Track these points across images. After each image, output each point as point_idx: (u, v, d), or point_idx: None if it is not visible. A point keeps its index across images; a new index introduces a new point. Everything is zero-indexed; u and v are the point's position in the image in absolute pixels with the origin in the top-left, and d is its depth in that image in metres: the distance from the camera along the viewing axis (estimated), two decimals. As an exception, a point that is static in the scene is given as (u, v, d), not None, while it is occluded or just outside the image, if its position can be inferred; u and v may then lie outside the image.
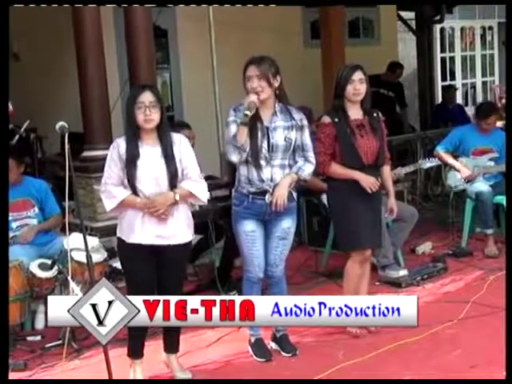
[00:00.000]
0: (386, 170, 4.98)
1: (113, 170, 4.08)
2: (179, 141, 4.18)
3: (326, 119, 4.77)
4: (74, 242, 5.14)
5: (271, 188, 4.37)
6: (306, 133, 4.49)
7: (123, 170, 4.06)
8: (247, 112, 4.22)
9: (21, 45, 8.67)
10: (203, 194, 4.21)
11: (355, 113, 4.80)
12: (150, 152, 4.09)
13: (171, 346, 4.34)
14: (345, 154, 4.75)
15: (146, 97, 4.05)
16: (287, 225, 4.50)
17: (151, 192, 4.06)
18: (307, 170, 4.47)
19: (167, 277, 4.16)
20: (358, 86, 4.72)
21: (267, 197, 4.37)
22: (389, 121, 6.35)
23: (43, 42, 8.72)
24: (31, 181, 5.74)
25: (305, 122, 4.49)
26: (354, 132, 4.74)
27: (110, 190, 4.07)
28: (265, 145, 4.34)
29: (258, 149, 4.32)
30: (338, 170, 4.77)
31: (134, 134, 4.08)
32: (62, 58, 8.15)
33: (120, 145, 4.09)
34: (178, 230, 4.15)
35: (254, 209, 4.40)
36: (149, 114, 4.03)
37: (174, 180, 4.10)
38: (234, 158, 4.31)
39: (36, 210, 5.60)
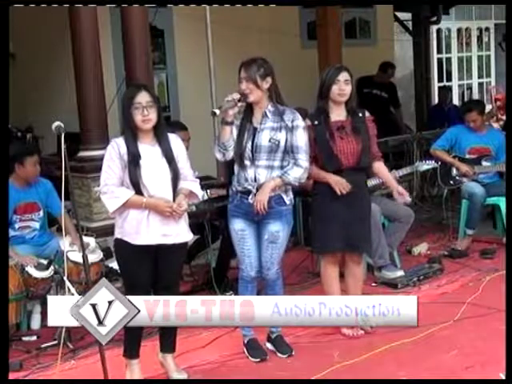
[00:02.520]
0: (378, 165, 4.93)
1: (113, 170, 4.04)
2: (174, 141, 4.20)
3: (307, 122, 4.73)
4: (70, 242, 5.15)
5: (254, 189, 4.38)
6: (299, 134, 4.41)
7: (124, 170, 4.03)
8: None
9: (17, 44, 8.64)
10: (200, 193, 4.32)
11: (338, 114, 4.78)
12: (150, 151, 4.09)
13: (168, 345, 4.32)
14: (323, 157, 4.74)
15: (143, 97, 4.04)
16: (275, 228, 4.44)
17: (155, 191, 4.05)
18: (293, 174, 4.39)
19: (167, 276, 4.15)
20: (343, 87, 4.70)
21: (250, 197, 4.39)
22: (383, 121, 6.33)
23: (40, 42, 8.71)
24: (40, 181, 5.56)
25: (297, 123, 4.41)
26: (333, 134, 4.72)
27: (113, 191, 4.03)
28: (249, 145, 4.38)
29: (242, 149, 4.37)
30: (314, 172, 4.76)
31: (132, 135, 4.07)
32: (58, 58, 8.14)
33: (120, 145, 4.06)
34: (181, 229, 4.16)
35: (243, 208, 4.42)
36: (146, 114, 4.02)
37: (176, 178, 4.12)
38: (218, 155, 4.45)
39: (41, 213, 5.50)
